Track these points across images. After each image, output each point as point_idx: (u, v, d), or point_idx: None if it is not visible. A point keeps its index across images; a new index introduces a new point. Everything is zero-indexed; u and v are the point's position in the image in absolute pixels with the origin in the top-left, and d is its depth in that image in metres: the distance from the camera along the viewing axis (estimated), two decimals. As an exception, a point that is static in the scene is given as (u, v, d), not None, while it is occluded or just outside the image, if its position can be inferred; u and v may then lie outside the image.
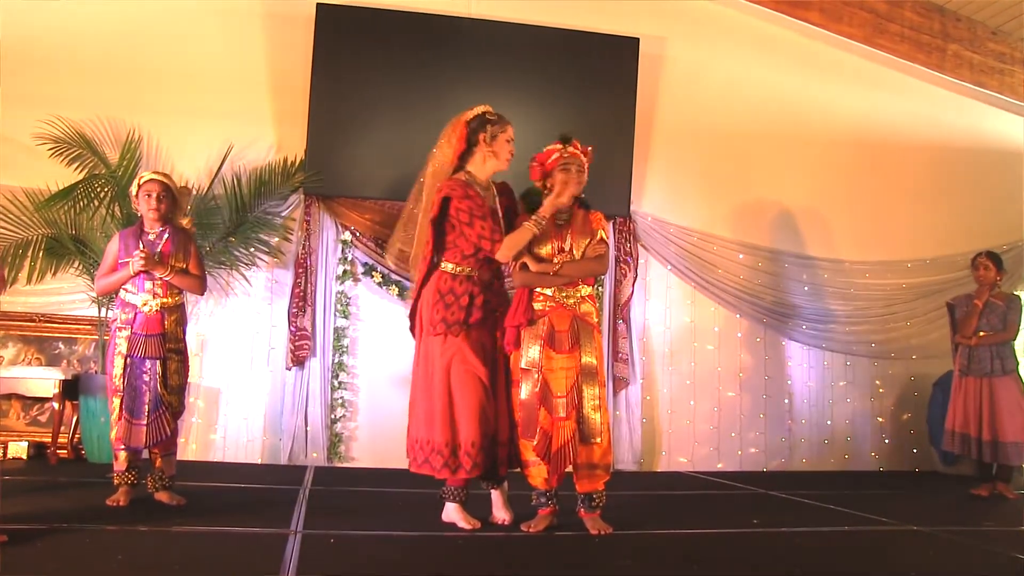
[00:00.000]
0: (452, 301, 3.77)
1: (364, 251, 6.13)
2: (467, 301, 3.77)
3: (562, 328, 3.73)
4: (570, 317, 3.75)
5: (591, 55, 6.39)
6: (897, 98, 7.13)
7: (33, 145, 5.50)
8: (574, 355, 3.72)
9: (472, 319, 3.76)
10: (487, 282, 3.87)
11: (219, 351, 5.99)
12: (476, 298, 3.78)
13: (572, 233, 3.79)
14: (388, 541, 3.53)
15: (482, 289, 3.83)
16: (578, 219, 3.83)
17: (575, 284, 3.79)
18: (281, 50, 6.16)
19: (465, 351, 3.74)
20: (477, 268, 3.83)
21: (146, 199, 4.12)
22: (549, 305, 3.77)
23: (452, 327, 3.73)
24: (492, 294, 3.88)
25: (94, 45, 5.93)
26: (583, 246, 3.78)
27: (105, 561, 2.96)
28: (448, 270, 3.83)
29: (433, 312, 3.79)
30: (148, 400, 4.03)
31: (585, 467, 3.71)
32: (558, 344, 3.72)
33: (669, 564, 3.36)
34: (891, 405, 7.03)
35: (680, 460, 6.54)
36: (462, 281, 3.81)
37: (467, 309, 3.75)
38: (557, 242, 3.78)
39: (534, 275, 3.77)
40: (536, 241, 3.77)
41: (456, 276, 3.82)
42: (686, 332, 6.67)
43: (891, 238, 7.05)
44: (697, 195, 6.77)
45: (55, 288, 5.73)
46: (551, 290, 3.77)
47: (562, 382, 3.69)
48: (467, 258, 3.82)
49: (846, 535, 4.03)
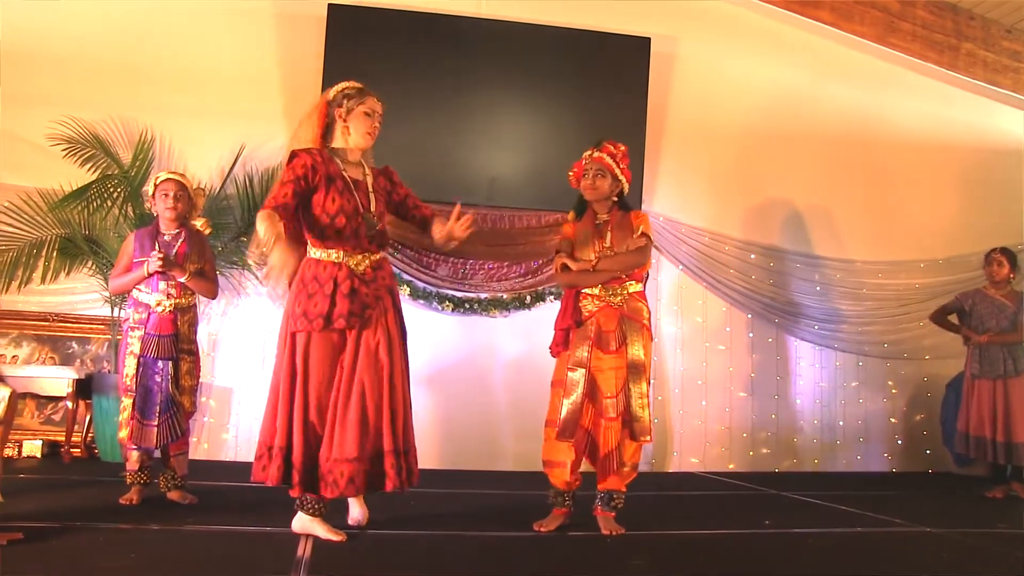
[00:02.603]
0: (315, 291, 3.37)
1: (375, 251, 6.13)
2: (331, 290, 3.35)
3: (609, 328, 3.72)
4: (617, 316, 3.73)
5: (602, 55, 6.39)
6: (909, 97, 7.10)
7: (47, 146, 5.53)
8: (622, 354, 3.70)
9: (336, 313, 3.33)
10: (364, 274, 3.44)
11: (231, 351, 6.01)
12: (340, 286, 3.36)
13: (612, 232, 3.79)
14: (400, 540, 3.53)
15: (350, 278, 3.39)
16: (615, 219, 3.83)
17: (620, 281, 3.76)
18: (293, 50, 6.18)
19: (325, 352, 3.36)
20: (349, 254, 3.41)
21: (163, 199, 4.13)
22: (597, 304, 3.76)
23: (314, 322, 3.34)
24: (369, 287, 3.42)
25: (107, 46, 5.96)
26: (624, 244, 3.76)
27: (118, 559, 2.98)
28: (314, 255, 3.45)
29: (293, 303, 3.41)
30: (160, 401, 4.05)
31: (615, 464, 3.72)
32: (605, 344, 3.71)
33: (681, 565, 3.36)
34: (904, 406, 7.00)
35: (691, 460, 6.53)
36: (327, 267, 3.41)
37: (331, 299, 3.34)
38: (599, 242, 3.78)
39: (576, 274, 3.77)
40: (577, 246, 3.80)
41: (321, 262, 3.42)
42: (697, 332, 6.66)
43: (903, 238, 7.01)
44: (708, 195, 6.76)
45: (69, 288, 5.77)
46: (597, 289, 3.76)
47: (612, 382, 3.68)
48: (328, 239, 3.40)
49: (858, 536, 4.01)
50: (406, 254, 6.14)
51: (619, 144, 3.89)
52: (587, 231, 3.83)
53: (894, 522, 4.30)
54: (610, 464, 3.70)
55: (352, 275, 3.40)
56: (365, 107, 3.54)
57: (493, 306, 6.28)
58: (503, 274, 6.29)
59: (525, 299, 6.32)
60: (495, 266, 6.28)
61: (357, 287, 3.38)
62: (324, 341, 3.36)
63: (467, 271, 6.23)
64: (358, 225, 3.42)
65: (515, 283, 6.31)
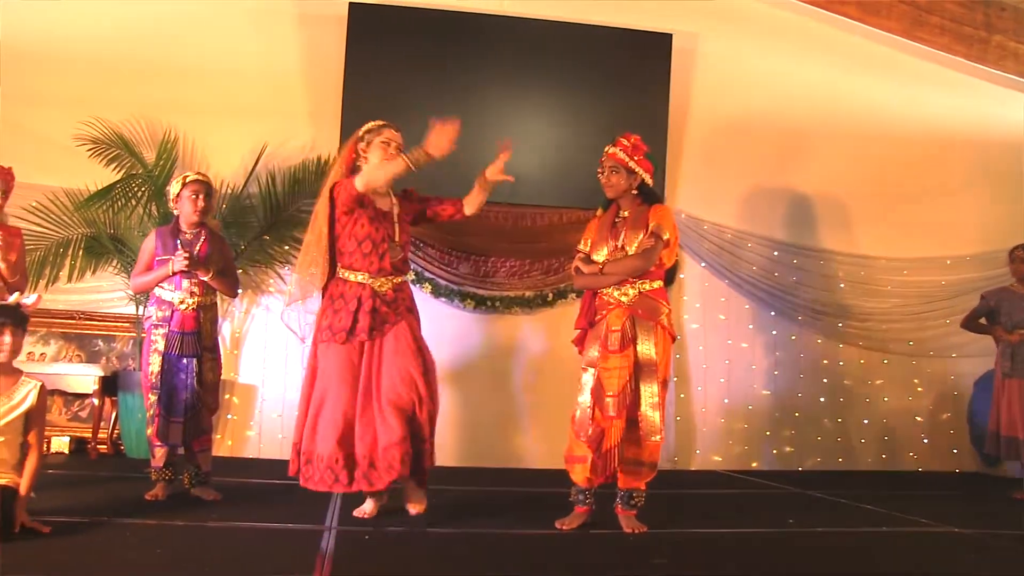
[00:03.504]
0: (341, 307, 3.76)
1: (397, 249, 6.15)
2: (355, 307, 3.74)
3: (615, 327, 3.72)
4: (626, 314, 3.72)
5: (623, 52, 6.37)
6: (937, 91, 7.00)
7: (73, 146, 5.58)
8: (627, 354, 3.69)
9: (359, 328, 3.71)
10: (385, 295, 3.80)
11: (255, 348, 6.04)
12: (363, 304, 3.73)
13: (626, 230, 3.78)
14: (423, 538, 3.54)
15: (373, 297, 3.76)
16: (633, 215, 3.82)
17: (630, 281, 3.75)
18: (314, 49, 6.20)
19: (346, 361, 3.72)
20: (373, 276, 3.79)
21: (192, 199, 4.15)
22: (610, 304, 3.77)
23: (338, 335, 3.72)
24: (389, 306, 3.80)
25: (132, 48, 6.00)
26: (636, 241, 3.75)
27: (144, 554, 3.01)
28: (342, 276, 3.82)
29: (321, 317, 3.81)
30: (185, 397, 4.08)
31: (632, 463, 3.73)
32: (611, 343, 3.71)
33: (704, 563, 3.35)
34: (930, 404, 6.92)
35: (714, 459, 6.49)
36: (352, 287, 3.78)
37: (354, 315, 3.72)
38: (612, 241, 3.78)
39: (588, 277, 3.81)
40: (594, 244, 3.82)
41: (348, 282, 3.80)
42: (720, 329, 6.62)
43: (930, 234, 6.92)
44: (731, 192, 6.72)
45: (94, 286, 5.82)
46: (611, 288, 3.77)
47: (614, 381, 3.67)
48: (356, 262, 3.79)
49: (884, 536, 3.98)
50: (428, 252, 6.15)
51: (632, 135, 3.86)
52: (604, 229, 3.84)
53: (920, 522, 4.26)
54: (611, 460, 3.68)
55: (375, 295, 3.76)
56: (382, 137, 3.88)
57: (515, 304, 6.28)
58: (525, 272, 6.29)
59: (547, 296, 6.31)
60: (517, 264, 6.28)
61: (378, 307, 3.76)
62: (346, 352, 3.72)
63: (489, 269, 6.23)
64: (384, 252, 3.79)
65: (537, 280, 6.30)
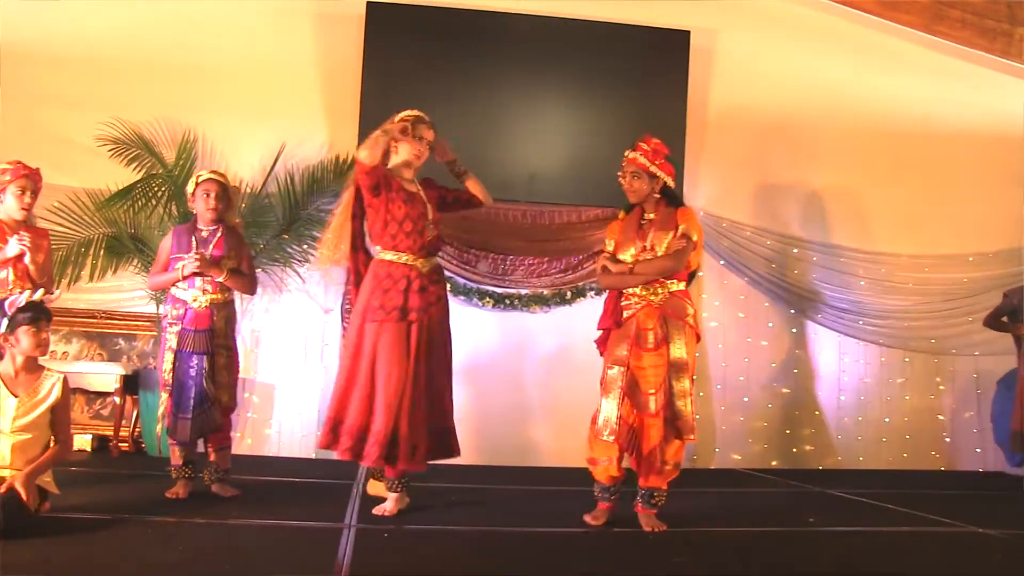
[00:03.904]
0: (390, 287, 3.87)
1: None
2: (405, 287, 3.87)
3: (648, 326, 3.73)
4: (658, 314, 3.74)
5: (641, 49, 6.35)
6: (959, 86, 6.91)
7: (94, 146, 5.62)
8: (662, 352, 3.70)
9: (410, 306, 3.84)
10: (429, 274, 3.97)
11: (273, 347, 6.06)
12: (413, 283, 3.87)
13: (654, 231, 3.80)
14: (442, 536, 3.55)
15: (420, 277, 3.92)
16: (660, 216, 3.83)
17: (659, 282, 3.77)
18: (332, 49, 6.21)
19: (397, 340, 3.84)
20: (416, 255, 3.93)
21: (204, 198, 4.18)
22: (638, 304, 3.78)
23: (391, 313, 3.83)
24: (433, 286, 3.98)
25: (151, 48, 6.03)
26: (665, 242, 3.76)
27: (166, 551, 3.03)
28: (385, 257, 3.95)
29: (369, 297, 3.90)
30: (194, 395, 4.09)
31: (659, 462, 3.72)
32: (644, 341, 3.72)
33: (723, 562, 3.33)
34: (952, 403, 6.85)
35: (734, 457, 6.46)
36: (399, 267, 3.91)
37: (404, 295, 3.85)
38: (640, 242, 3.79)
39: (616, 277, 3.82)
40: (619, 245, 3.84)
41: (394, 263, 3.92)
42: (739, 327, 6.59)
43: (952, 231, 6.85)
44: (750, 189, 6.68)
45: (115, 286, 5.86)
46: (638, 288, 3.78)
47: (651, 379, 3.69)
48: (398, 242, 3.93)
49: (906, 536, 3.95)
50: (446, 251, 6.14)
51: (652, 139, 3.89)
52: (630, 230, 3.85)
53: (943, 522, 4.22)
54: (653, 462, 3.70)
55: (421, 275, 3.91)
56: (411, 132, 4.02)
57: (533, 302, 6.27)
58: (543, 270, 6.28)
59: (565, 295, 6.30)
60: (535, 262, 6.27)
61: (425, 285, 3.91)
62: (396, 331, 3.82)
63: (507, 267, 6.23)
64: (422, 228, 3.92)
65: (555, 279, 6.29)
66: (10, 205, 3.91)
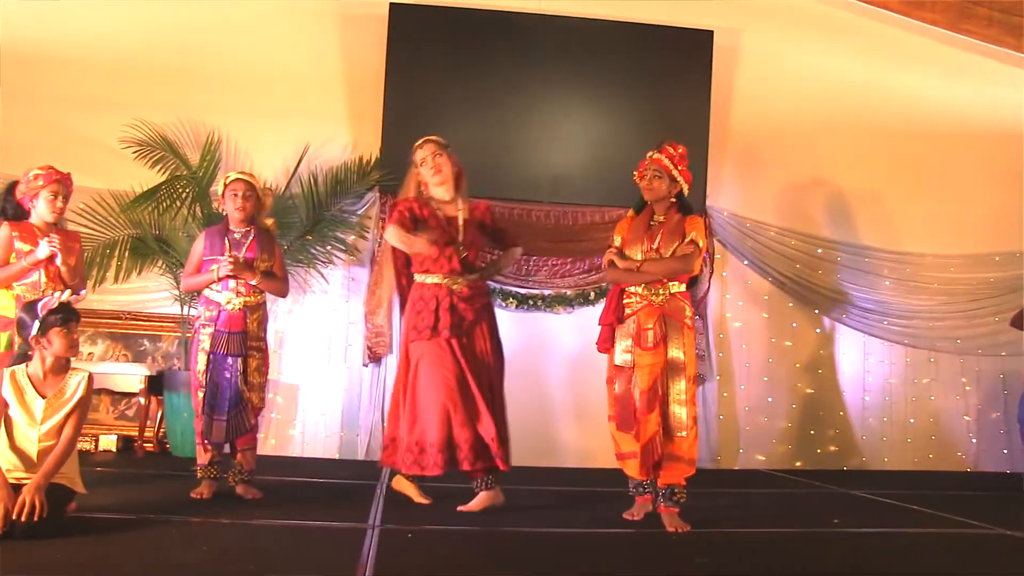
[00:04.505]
0: (422, 308, 4.04)
1: (437, 248, 6.18)
2: (435, 306, 4.02)
3: (648, 325, 3.81)
4: (657, 314, 3.82)
5: (664, 49, 6.34)
6: (985, 85, 6.85)
7: (119, 148, 5.67)
8: (659, 351, 3.79)
9: (441, 325, 3.99)
10: (460, 292, 4.06)
11: (297, 348, 6.10)
12: (441, 303, 4.02)
13: (663, 235, 3.87)
14: (466, 536, 3.55)
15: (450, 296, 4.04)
16: (672, 222, 3.91)
17: (663, 282, 3.86)
18: (355, 50, 6.24)
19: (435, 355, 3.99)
20: (447, 276, 4.05)
21: (232, 198, 4.19)
22: (638, 303, 3.86)
23: (423, 332, 4.01)
24: (467, 303, 4.06)
25: (175, 51, 6.09)
26: (672, 247, 3.84)
27: (191, 551, 3.05)
28: (419, 280, 4.12)
29: (407, 320, 4.15)
30: (229, 396, 4.11)
31: (668, 459, 3.76)
32: (644, 340, 3.80)
33: (747, 563, 3.31)
34: (978, 403, 6.79)
35: (758, 458, 6.43)
36: (430, 288, 4.06)
37: (435, 314, 4.01)
38: (647, 243, 3.87)
39: (621, 272, 3.90)
40: (627, 243, 3.92)
41: (425, 285, 4.09)
42: (763, 328, 6.56)
43: (977, 231, 6.79)
44: (773, 189, 6.65)
45: (140, 287, 5.91)
46: (640, 288, 3.86)
47: (646, 378, 3.77)
48: (428, 266, 4.08)
49: (931, 538, 3.91)
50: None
51: (679, 145, 3.98)
52: (639, 230, 3.93)
53: (969, 523, 4.17)
54: (651, 454, 3.74)
55: (451, 294, 4.03)
56: (424, 152, 4.16)
57: (557, 302, 6.28)
58: (567, 270, 6.28)
59: (589, 295, 6.29)
60: (559, 262, 6.27)
61: (455, 303, 4.02)
62: (433, 347, 3.99)
63: (531, 268, 6.23)
64: (451, 253, 4.03)
65: (579, 279, 6.29)
66: (42, 210, 3.95)
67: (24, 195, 3.95)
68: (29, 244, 3.88)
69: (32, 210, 3.98)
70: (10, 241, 3.89)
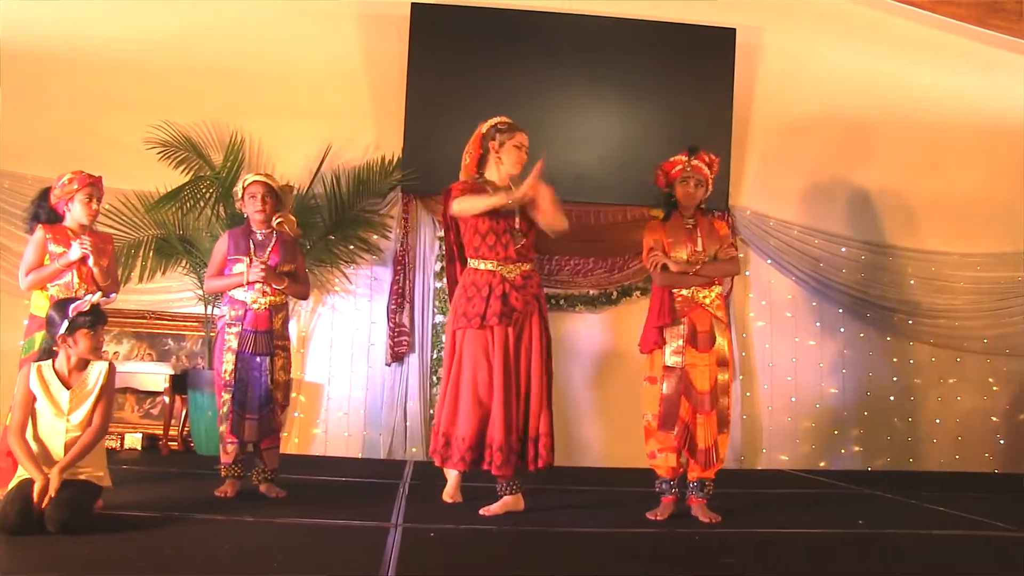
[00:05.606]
0: (474, 294, 3.96)
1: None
2: (487, 294, 3.93)
3: (704, 328, 3.96)
4: (710, 318, 3.96)
5: (686, 47, 6.31)
6: (1011, 81, 6.74)
7: (143, 149, 5.71)
8: (713, 352, 3.94)
9: (491, 312, 3.89)
10: (513, 280, 3.98)
11: (321, 347, 6.12)
12: (494, 290, 3.93)
13: (702, 236, 4.01)
14: (488, 535, 3.55)
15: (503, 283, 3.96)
16: (704, 224, 4.06)
17: (709, 285, 3.99)
18: (377, 50, 6.25)
19: (481, 345, 3.92)
20: (501, 263, 3.98)
21: (251, 200, 4.22)
22: (689, 306, 3.95)
23: (472, 320, 3.92)
24: (519, 292, 3.97)
25: (198, 52, 6.13)
26: (713, 249, 3.99)
27: (215, 549, 3.08)
28: (472, 265, 4.04)
29: (456, 305, 4.03)
30: (259, 395, 4.14)
31: (715, 457, 3.91)
32: (701, 343, 3.94)
33: (771, 563, 3.30)
34: (1006, 404, 6.69)
35: (781, 458, 6.39)
36: (483, 275, 3.98)
37: (486, 301, 3.91)
38: (691, 245, 3.99)
39: (675, 275, 3.96)
40: (670, 247, 3.98)
41: (479, 271, 4.00)
42: (787, 327, 6.51)
43: (1005, 229, 6.69)
44: (797, 188, 6.60)
45: (164, 287, 5.95)
46: (688, 291, 3.96)
47: (706, 379, 3.91)
48: (483, 253, 4.00)
49: (957, 539, 3.87)
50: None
51: (713, 155, 4.14)
52: (679, 232, 4.02)
53: (996, 525, 4.13)
54: (710, 457, 3.88)
55: (504, 281, 3.95)
56: (515, 141, 4.10)
57: (579, 302, 6.27)
58: (589, 269, 6.27)
59: (611, 294, 6.28)
60: (581, 261, 6.25)
61: (508, 291, 3.94)
62: (480, 337, 3.91)
63: (553, 267, 6.22)
64: (508, 240, 3.98)
65: (601, 278, 6.27)
66: (78, 212, 3.99)
67: (59, 199, 3.99)
68: (62, 246, 3.92)
69: (67, 213, 4.01)
70: (44, 244, 3.93)
